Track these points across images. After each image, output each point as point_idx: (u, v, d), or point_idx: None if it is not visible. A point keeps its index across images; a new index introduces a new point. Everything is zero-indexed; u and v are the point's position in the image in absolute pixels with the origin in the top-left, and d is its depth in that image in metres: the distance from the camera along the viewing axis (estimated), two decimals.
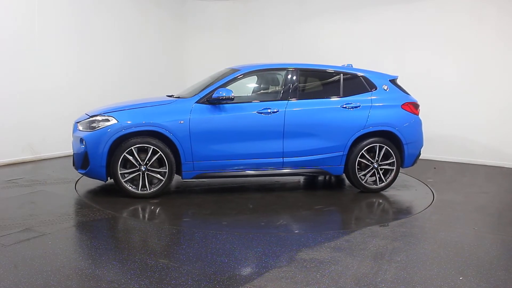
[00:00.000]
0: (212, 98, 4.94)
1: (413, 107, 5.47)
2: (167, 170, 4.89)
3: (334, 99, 5.36)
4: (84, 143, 4.85)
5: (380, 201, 5.20)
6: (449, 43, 7.84)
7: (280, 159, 5.16)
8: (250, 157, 5.10)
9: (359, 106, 5.28)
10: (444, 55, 7.90)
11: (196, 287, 2.79)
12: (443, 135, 7.88)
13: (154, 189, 4.90)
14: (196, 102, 5.01)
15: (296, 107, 5.20)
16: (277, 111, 5.10)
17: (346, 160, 5.29)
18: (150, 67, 9.41)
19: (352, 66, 5.76)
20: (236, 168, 5.13)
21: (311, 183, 6.06)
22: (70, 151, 7.61)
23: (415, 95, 5.76)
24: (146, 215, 4.53)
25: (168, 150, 4.89)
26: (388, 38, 8.37)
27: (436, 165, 7.50)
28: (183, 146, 4.91)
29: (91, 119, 4.97)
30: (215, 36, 10.24)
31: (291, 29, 9.41)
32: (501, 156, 7.53)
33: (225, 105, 5.03)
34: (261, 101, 5.28)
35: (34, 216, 4.15)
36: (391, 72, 6.06)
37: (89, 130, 4.90)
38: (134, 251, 3.37)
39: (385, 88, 5.44)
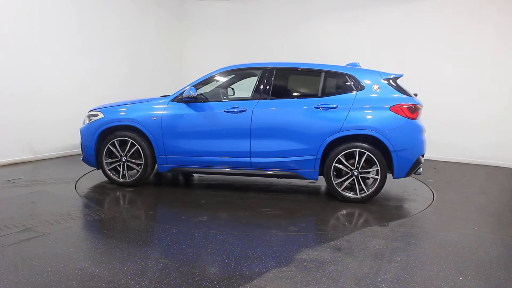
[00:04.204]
0: (183, 96, 5.20)
1: (408, 109, 4.79)
2: (143, 162, 5.32)
3: (309, 99, 5.07)
4: (80, 134, 5.62)
5: (356, 207, 5.08)
6: (449, 43, 7.85)
7: (248, 159, 5.10)
8: (218, 155, 5.16)
9: (335, 107, 4.87)
10: (444, 54, 7.91)
11: (196, 287, 2.79)
12: (443, 135, 7.88)
13: (132, 179, 5.41)
14: (172, 100, 5.33)
15: (264, 106, 5.06)
16: (245, 110, 5.06)
17: (322, 165, 4.97)
18: (150, 67, 9.42)
19: (359, 64, 5.51)
20: (205, 165, 5.24)
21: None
22: (70, 151, 7.67)
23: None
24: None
25: (144, 144, 5.32)
26: (388, 38, 8.38)
27: (436, 165, 7.51)
28: (157, 141, 5.28)
29: (88, 114, 5.67)
30: (215, 36, 10.25)
31: (291, 29, 9.42)
32: (501, 156, 7.54)
33: (197, 103, 5.23)
34: (232, 100, 5.35)
35: (34, 216, 4.15)
36: (391, 71, 6.00)
37: (85, 123, 5.61)
38: (134, 251, 3.37)
39: (375, 88, 4.93)
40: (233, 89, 6.05)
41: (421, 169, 5.06)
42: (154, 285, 2.79)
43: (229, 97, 5.90)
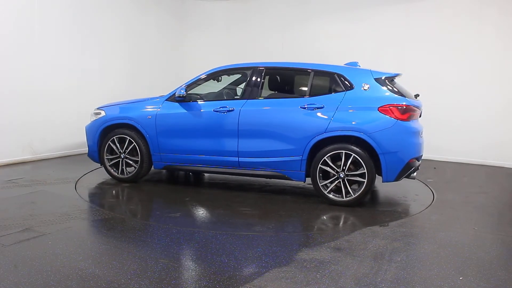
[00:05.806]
0: (175, 96, 5.30)
1: (397, 110, 4.55)
2: (139, 159, 5.49)
3: (296, 98, 5.02)
4: (85, 132, 5.89)
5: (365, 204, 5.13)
6: (449, 43, 7.84)
7: (236, 158, 5.11)
8: (208, 153, 5.23)
9: (322, 107, 4.74)
10: (444, 55, 7.90)
11: (196, 287, 2.79)
12: (443, 135, 7.88)
13: (129, 175, 5.59)
14: (166, 100, 5.47)
15: (252, 106, 5.04)
16: (233, 110, 5.07)
17: (309, 166, 4.84)
18: (150, 66, 9.42)
19: (358, 64, 5.47)
20: (196, 163, 5.32)
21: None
22: (70, 151, 7.67)
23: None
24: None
25: (140, 142, 5.49)
26: (388, 38, 8.37)
27: (436, 165, 7.50)
28: (151, 139, 5.43)
29: (93, 112, 5.91)
30: (214, 36, 10.24)
31: (291, 29, 9.41)
32: (501, 156, 7.53)
33: (189, 103, 5.33)
34: (221, 100, 5.44)
35: (34, 216, 4.15)
36: (391, 71, 5.97)
37: (90, 121, 5.86)
38: (134, 251, 3.37)
39: (365, 88, 4.73)
40: (242, 89, 6.01)
41: (415, 173, 4.90)
42: (154, 285, 2.79)
43: (234, 97, 5.88)
